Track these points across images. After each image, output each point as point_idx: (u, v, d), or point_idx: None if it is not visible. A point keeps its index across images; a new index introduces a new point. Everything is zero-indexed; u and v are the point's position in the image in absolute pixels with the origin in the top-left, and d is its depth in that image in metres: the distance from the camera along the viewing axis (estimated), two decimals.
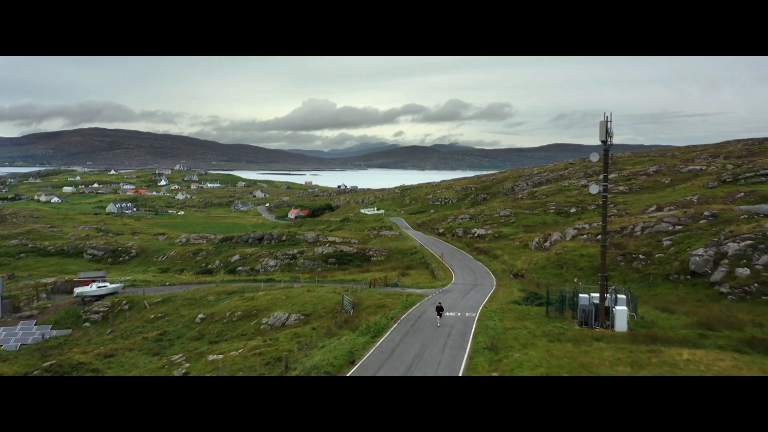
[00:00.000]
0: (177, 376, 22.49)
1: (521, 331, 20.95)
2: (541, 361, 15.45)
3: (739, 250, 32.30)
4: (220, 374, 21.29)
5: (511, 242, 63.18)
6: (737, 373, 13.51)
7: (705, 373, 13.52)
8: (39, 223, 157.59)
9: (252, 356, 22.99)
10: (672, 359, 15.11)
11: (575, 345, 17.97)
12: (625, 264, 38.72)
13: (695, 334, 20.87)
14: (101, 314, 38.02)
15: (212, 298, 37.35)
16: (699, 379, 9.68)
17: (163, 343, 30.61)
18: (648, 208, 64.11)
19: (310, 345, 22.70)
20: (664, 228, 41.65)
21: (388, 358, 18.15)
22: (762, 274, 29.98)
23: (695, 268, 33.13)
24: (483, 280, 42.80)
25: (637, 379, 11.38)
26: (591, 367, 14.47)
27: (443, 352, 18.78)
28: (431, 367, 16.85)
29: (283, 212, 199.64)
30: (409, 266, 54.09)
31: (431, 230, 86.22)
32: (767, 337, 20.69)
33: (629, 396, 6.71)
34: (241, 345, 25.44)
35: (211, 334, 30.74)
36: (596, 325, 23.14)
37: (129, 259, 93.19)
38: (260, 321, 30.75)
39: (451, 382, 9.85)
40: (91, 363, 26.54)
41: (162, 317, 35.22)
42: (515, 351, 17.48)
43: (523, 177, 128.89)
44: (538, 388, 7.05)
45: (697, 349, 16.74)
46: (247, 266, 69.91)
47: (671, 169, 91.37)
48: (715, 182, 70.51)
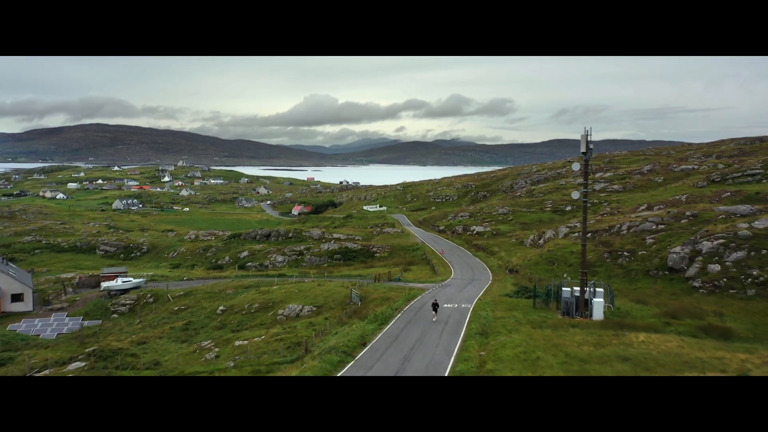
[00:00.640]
0: (177, 376, 22.39)
1: (509, 320, 24.14)
2: (521, 342, 18.64)
3: (713, 248, 35.42)
4: (247, 357, 24.55)
5: (508, 239, 66.29)
6: (678, 351, 16.65)
7: (652, 350, 16.68)
8: (49, 219, 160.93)
9: (274, 341, 26.26)
10: (629, 341, 18.29)
11: (553, 330, 21.15)
12: (611, 260, 41.86)
13: (660, 322, 24.06)
14: (128, 306, 41.38)
15: (230, 291, 40.68)
16: (699, 379, 9.89)
17: (189, 331, 33.91)
18: (639, 207, 67.10)
19: (325, 332, 25.94)
20: (648, 227, 44.75)
21: (394, 341, 21.37)
22: (731, 270, 33.11)
23: (672, 265, 36.27)
24: (480, 275, 45.91)
25: (637, 379, 11.52)
26: (562, 347, 17.64)
27: (441, 336, 22.00)
28: (431, 348, 20.06)
29: (286, 209, 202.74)
30: (411, 262, 57.29)
31: (432, 227, 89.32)
32: (722, 325, 23.89)
33: (629, 396, 6.73)
34: (263, 332, 28.74)
35: (232, 324, 34.03)
36: (576, 314, 26.29)
37: (140, 255, 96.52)
38: (276, 312, 34.02)
39: (451, 382, 10.13)
40: (128, 348, 29.85)
41: (185, 309, 38.55)
42: (502, 335, 20.68)
43: (522, 175, 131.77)
44: (538, 388, 7.10)
45: (654, 334, 19.91)
46: (256, 262, 73.11)
47: (665, 168, 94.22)
48: (705, 182, 73.43)
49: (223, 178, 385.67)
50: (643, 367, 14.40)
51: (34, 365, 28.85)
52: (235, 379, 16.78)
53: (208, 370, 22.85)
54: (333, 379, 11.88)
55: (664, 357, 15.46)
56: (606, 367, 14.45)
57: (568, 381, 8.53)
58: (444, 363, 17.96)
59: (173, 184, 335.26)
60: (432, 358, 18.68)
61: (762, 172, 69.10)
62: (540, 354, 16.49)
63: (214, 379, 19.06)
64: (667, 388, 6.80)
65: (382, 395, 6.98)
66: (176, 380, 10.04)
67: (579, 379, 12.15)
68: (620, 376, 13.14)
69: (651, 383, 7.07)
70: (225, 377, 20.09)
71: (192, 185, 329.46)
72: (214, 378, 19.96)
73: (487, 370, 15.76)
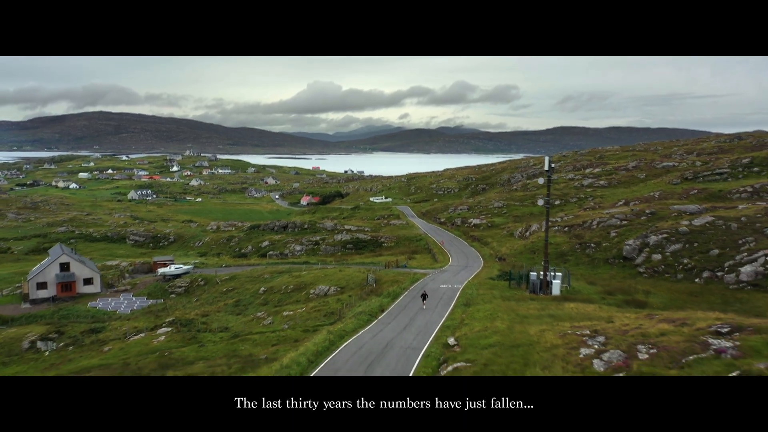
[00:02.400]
0: (177, 376, 22.48)
1: (487, 295, 32.95)
2: (490, 309, 27.42)
3: (658, 241, 44.00)
4: (296, 322, 33.49)
5: (500, 231, 74.91)
6: (590, 312, 25.29)
7: (573, 312, 25.35)
8: (72, 210, 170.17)
9: (313, 312, 35.27)
10: (563, 307, 27.01)
11: (516, 302, 29.95)
12: (580, 250, 50.51)
13: (598, 296, 32.83)
14: (183, 288, 50.52)
15: (267, 276, 49.71)
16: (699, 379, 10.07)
17: (239, 307, 42.98)
18: (617, 202, 75.33)
19: (350, 304, 34.85)
20: (614, 223, 53.28)
21: (403, 309, 30.25)
22: (668, 258, 41.72)
23: (626, 254, 44.92)
24: (473, 262, 54.64)
25: (636, 379, 11.78)
26: (516, 311, 26.34)
27: (437, 306, 30.87)
28: (429, 313, 28.87)
29: (295, 199, 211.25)
30: (414, 251, 66.11)
31: (434, 219, 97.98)
32: (642, 299, 32.65)
33: (629, 396, 6.72)
34: (302, 306, 37.76)
35: (273, 301, 43.05)
36: (540, 292, 35.05)
37: (168, 244, 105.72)
38: (308, 292, 42.99)
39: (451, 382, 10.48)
40: (198, 318, 38.93)
41: (232, 290, 47.62)
42: (479, 305, 29.51)
43: (519, 169, 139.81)
44: (538, 388, 7.08)
45: (584, 303, 28.65)
46: (277, 251, 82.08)
47: (648, 164, 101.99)
48: (679, 179, 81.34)
49: (230, 168, 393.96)
50: (557, 318, 23.10)
51: (125, 332, 37.98)
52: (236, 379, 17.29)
53: (270, 330, 31.83)
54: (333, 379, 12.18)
55: (576, 314, 24.18)
56: (536, 320, 23.13)
57: (568, 381, 8.55)
58: (437, 321, 26.79)
59: (182, 174, 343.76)
60: (430, 318, 27.54)
61: (729, 171, 77.09)
62: (499, 314, 25.26)
63: (215, 379, 19.30)
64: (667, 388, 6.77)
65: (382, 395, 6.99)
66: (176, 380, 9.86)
67: (579, 379, 12.31)
68: (620, 376, 13.05)
69: (651, 383, 7.11)
70: (224, 377, 20.37)
71: (200, 175, 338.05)
72: (215, 378, 20.18)
73: (463, 323, 24.57)
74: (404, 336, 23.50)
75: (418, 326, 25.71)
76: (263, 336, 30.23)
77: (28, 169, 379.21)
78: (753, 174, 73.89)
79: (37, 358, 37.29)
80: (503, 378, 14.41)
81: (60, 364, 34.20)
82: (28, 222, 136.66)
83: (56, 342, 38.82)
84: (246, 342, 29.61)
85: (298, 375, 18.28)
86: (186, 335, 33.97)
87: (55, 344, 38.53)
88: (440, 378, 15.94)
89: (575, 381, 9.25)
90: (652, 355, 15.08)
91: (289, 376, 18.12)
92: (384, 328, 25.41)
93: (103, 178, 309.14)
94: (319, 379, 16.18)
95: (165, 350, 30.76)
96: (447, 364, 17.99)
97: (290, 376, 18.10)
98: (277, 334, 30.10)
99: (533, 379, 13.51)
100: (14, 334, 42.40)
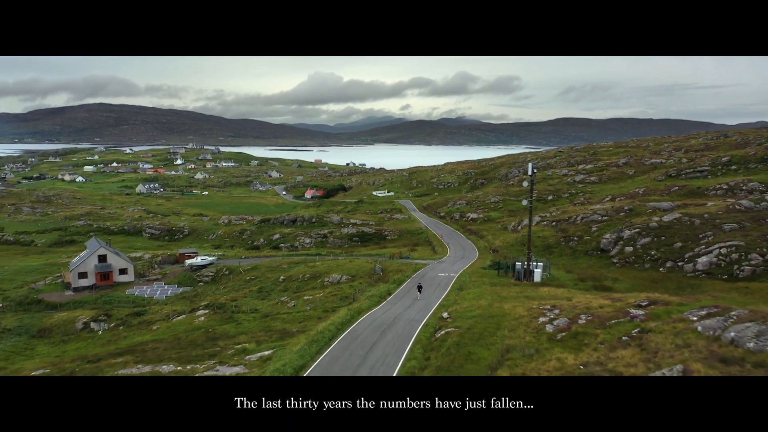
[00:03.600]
0: (177, 376, 22.73)
1: (478, 282, 38.93)
2: (478, 292, 33.36)
3: (631, 235, 49.88)
4: (316, 304, 39.52)
5: (495, 225, 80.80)
6: (558, 293, 31.18)
7: (544, 293, 31.24)
8: (85, 204, 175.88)
9: (330, 296, 41.33)
10: (538, 290, 32.94)
11: (501, 287, 35.92)
12: (564, 243, 56.42)
13: (572, 283, 38.77)
14: (210, 277, 56.64)
15: (285, 266, 55.78)
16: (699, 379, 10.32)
17: (263, 293, 49.05)
18: (604, 198, 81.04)
19: (362, 290, 40.85)
20: (596, 218, 59.12)
21: (407, 293, 36.24)
22: (639, 251, 47.62)
23: (603, 247, 50.81)
24: (469, 254, 60.58)
25: (636, 379, 11.97)
26: (498, 293, 32.26)
27: (435, 290, 36.86)
28: (429, 295, 34.83)
29: (299, 192, 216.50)
30: (416, 243, 72.07)
31: (434, 213, 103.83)
32: (610, 285, 38.59)
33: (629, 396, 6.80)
34: (320, 291, 43.82)
35: (293, 288, 49.12)
36: (524, 279, 41.00)
37: (182, 237, 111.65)
38: (323, 280, 49.03)
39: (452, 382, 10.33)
40: (229, 303, 44.99)
41: (254, 279, 53.71)
42: (470, 289, 35.48)
43: (517, 164, 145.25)
44: (539, 388, 7.17)
45: (557, 287, 34.59)
46: (287, 243, 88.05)
47: (638, 161, 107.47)
48: (663, 176, 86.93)
49: (233, 161, 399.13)
50: (530, 298, 29.00)
51: (168, 314, 44.07)
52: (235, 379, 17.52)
53: (295, 311, 37.90)
54: (333, 379, 12.20)
55: (546, 295, 30.08)
56: (513, 299, 28.99)
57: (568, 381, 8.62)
58: (435, 302, 32.72)
59: (186, 167, 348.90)
60: (429, 300, 33.51)
61: (709, 169, 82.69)
62: (484, 296, 31.20)
63: (215, 379, 19.42)
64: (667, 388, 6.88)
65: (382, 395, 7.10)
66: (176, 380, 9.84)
67: (579, 379, 12.32)
68: (620, 376, 13.13)
69: (651, 383, 7.27)
70: (224, 377, 20.85)
71: (205, 168, 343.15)
72: (215, 378, 20.58)
73: (456, 303, 30.54)
74: (409, 312, 29.52)
75: (420, 305, 31.73)
76: (290, 315, 36.33)
77: (33, 162, 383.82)
78: (730, 172, 79.49)
79: (92, 337, 43.46)
80: (503, 378, 14.79)
81: (116, 340, 40.32)
82: (45, 216, 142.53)
83: (107, 323, 44.97)
84: (276, 320, 35.72)
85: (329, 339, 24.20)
86: (223, 316, 40.05)
87: (106, 324, 44.68)
88: (441, 378, 16.30)
89: (575, 381, 9.48)
90: (587, 321, 21.01)
91: (288, 376, 18.87)
92: (392, 307, 31.44)
93: (108, 172, 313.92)
94: (318, 379, 16.57)
95: (208, 327, 36.85)
96: (441, 329, 24.00)
97: (290, 376, 18.91)
98: (302, 314, 36.19)
99: (533, 379, 13.87)
100: (66, 317, 48.61)
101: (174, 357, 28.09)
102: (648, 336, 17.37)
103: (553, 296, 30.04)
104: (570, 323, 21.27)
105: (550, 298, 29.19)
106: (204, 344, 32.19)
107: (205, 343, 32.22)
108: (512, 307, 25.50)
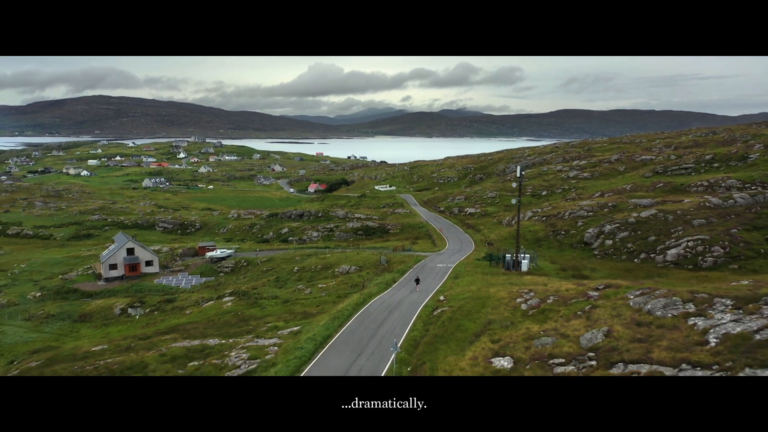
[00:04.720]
0: (177, 376, 23.00)
1: (471, 271, 44.40)
2: (471, 279, 38.82)
3: (611, 230, 55.27)
4: (329, 293, 45.01)
5: (491, 219, 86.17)
6: (537, 280, 36.60)
7: (525, 280, 36.67)
8: (96, 198, 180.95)
9: (341, 284, 46.86)
10: (522, 278, 38.39)
11: (491, 275, 41.40)
12: (552, 237, 61.84)
13: (554, 272, 44.24)
14: (230, 268, 62.20)
15: (298, 258, 61.29)
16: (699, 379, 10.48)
17: (279, 282, 54.60)
18: (594, 194, 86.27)
19: (369, 279, 46.34)
20: (582, 214, 64.47)
21: (410, 281, 41.73)
22: (617, 243, 53.04)
23: (586, 240, 56.24)
24: (466, 247, 65.98)
25: (636, 379, 12.18)
26: (488, 280, 37.70)
27: (434, 278, 42.37)
28: (427, 282, 40.28)
29: (302, 186, 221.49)
30: (417, 237, 77.48)
31: (434, 208, 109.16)
32: (588, 274, 44.06)
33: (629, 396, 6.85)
34: (332, 280, 49.37)
35: (306, 277, 54.65)
36: (513, 269, 46.46)
37: (194, 231, 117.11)
38: (334, 270, 54.54)
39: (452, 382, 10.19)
40: (251, 290, 50.53)
41: (271, 270, 59.23)
42: (464, 277, 40.97)
43: (515, 159, 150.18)
44: (538, 388, 7.23)
45: (539, 276, 40.05)
46: (296, 237, 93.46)
47: (629, 158, 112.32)
48: (651, 173, 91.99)
49: (236, 155, 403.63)
50: (514, 284, 34.42)
51: (197, 300, 49.62)
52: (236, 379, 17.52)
53: (312, 297, 43.44)
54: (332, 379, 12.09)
55: (528, 282, 35.47)
56: (500, 286, 34.40)
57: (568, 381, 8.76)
58: (434, 288, 38.17)
59: (189, 161, 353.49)
60: (428, 286, 38.99)
61: (693, 166, 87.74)
62: (475, 283, 36.64)
63: (214, 379, 19.44)
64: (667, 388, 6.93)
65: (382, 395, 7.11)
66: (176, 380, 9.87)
67: (579, 379, 12.30)
68: (619, 377, 13.32)
69: (651, 383, 7.27)
70: (224, 377, 21.16)
71: (208, 162, 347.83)
72: (214, 378, 20.75)
73: (451, 288, 36.02)
74: (411, 296, 35.03)
75: (421, 291, 37.25)
76: (308, 300, 41.88)
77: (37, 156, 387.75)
78: (713, 169, 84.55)
79: (130, 321, 49.09)
80: (503, 378, 14.83)
81: (154, 323, 45.92)
82: (60, 210, 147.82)
83: (142, 308, 50.59)
84: (296, 304, 41.27)
85: (347, 316, 29.64)
86: (248, 301, 45.60)
87: (142, 310, 50.31)
88: (441, 378, 16.59)
89: (576, 381, 9.35)
90: (554, 301, 26.47)
91: (289, 376, 19.44)
92: (397, 292, 36.95)
93: (112, 165, 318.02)
94: (318, 379, 16.86)
95: (236, 311, 42.41)
96: (438, 309, 29.52)
97: (290, 375, 19.50)
98: (319, 299, 41.74)
99: (534, 379, 13.88)
100: (103, 304, 54.24)
101: (215, 333, 33.65)
102: (595, 310, 22.87)
103: (533, 283, 35.50)
104: (540, 302, 26.74)
105: (530, 284, 34.65)
106: (237, 324, 37.70)
107: (238, 323, 37.74)
108: (496, 291, 30.97)
